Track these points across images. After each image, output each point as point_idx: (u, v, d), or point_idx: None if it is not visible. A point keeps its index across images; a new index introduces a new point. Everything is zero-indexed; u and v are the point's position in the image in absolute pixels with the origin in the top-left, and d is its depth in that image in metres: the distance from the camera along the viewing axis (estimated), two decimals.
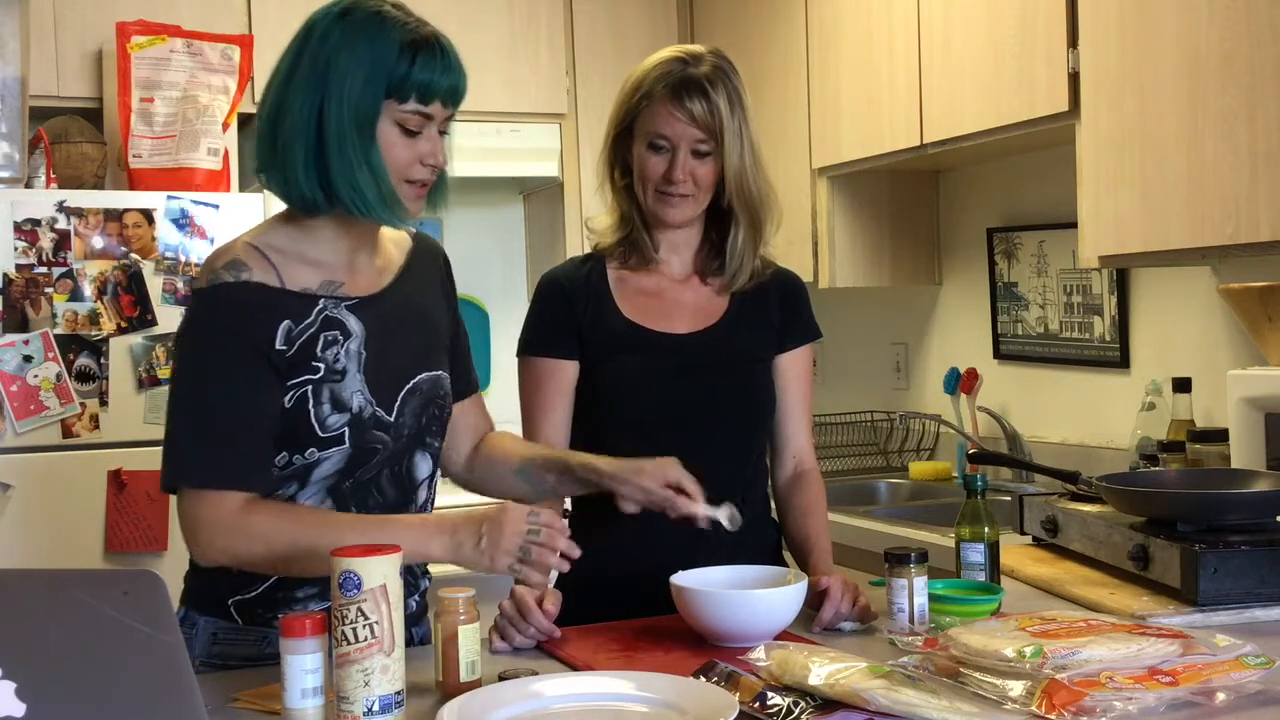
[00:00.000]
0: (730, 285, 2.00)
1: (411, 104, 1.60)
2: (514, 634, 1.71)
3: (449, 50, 1.64)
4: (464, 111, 1.73)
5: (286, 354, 1.60)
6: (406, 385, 1.70)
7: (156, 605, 1.01)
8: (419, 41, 1.61)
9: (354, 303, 1.66)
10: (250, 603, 1.67)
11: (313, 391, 1.61)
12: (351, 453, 1.64)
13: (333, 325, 1.63)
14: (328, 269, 1.66)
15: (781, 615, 1.68)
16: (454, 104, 1.65)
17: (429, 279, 1.81)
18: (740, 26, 3.81)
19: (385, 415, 1.67)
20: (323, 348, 1.62)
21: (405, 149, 1.62)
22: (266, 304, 1.60)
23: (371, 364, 1.65)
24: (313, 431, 1.61)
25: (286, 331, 1.60)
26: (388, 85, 1.59)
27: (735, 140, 1.90)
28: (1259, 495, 1.92)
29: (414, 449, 1.73)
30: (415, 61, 1.60)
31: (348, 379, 1.63)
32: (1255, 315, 2.45)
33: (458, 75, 1.64)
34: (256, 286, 1.60)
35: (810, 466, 2.06)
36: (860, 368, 4.02)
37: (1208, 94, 2.29)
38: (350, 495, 1.67)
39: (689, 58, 1.93)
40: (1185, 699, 1.37)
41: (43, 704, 0.95)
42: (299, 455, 1.62)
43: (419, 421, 1.72)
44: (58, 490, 3.02)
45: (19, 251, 3.03)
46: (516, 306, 4.07)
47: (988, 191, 3.50)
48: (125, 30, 3.30)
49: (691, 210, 1.95)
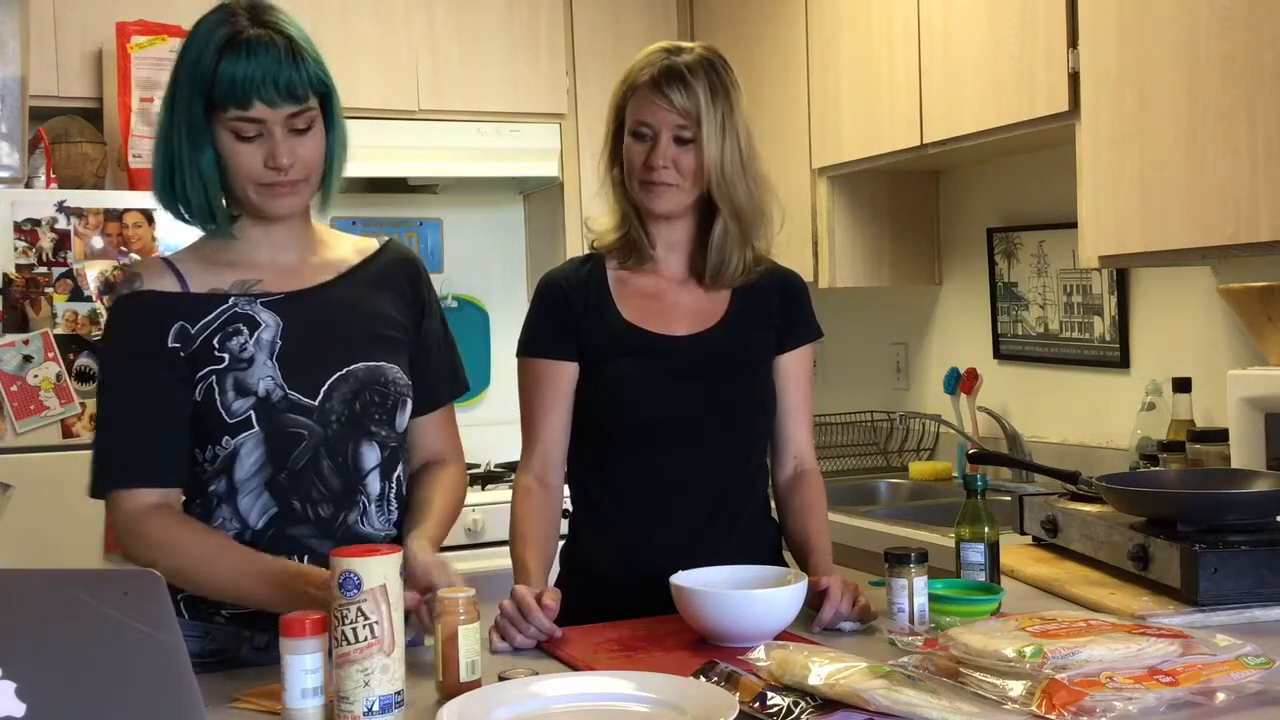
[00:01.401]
0: (718, 279, 1.99)
1: (232, 110, 1.63)
2: (514, 634, 1.71)
3: (260, 44, 1.62)
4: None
5: (182, 352, 1.67)
6: (336, 373, 1.72)
7: (156, 605, 1.01)
8: (228, 42, 1.62)
9: (274, 298, 1.73)
10: (194, 598, 1.70)
11: (217, 380, 1.67)
12: (266, 437, 1.68)
13: (238, 320, 1.70)
14: (246, 269, 1.74)
15: (781, 615, 1.68)
16: (282, 99, 1.63)
17: (385, 283, 1.83)
18: (740, 26, 3.81)
19: (305, 399, 1.70)
20: (223, 340, 1.68)
21: (245, 155, 1.65)
22: (159, 309, 1.69)
23: (289, 352, 1.70)
24: (221, 419, 1.67)
25: (180, 331, 1.68)
26: (204, 93, 1.63)
27: (715, 129, 1.90)
28: (1259, 495, 1.91)
29: (356, 437, 1.72)
30: (219, 65, 1.62)
31: (255, 366, 1.68)
32: (1255, 315, 2.45)
33: (267, 68, 1.62)
34: (148, 295, 1.70)
35: (810, 466, 2.06)
36: (860, 368, 4.02)
37: (1208, 94, 2.29)
38: (290, 488, 1.69)
39: (675, 49, 1.94)
40: (1185, 699, 1.37)
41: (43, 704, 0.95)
42: (216, 446, 1.68)
43: (352, 408, 1.72)
44: (58, 490, 3.01)
45: (19, 251, 3.03)
46: (516, 306, 4.07)
47: (988, 191, 3.50)
48: (125, 30, 3.30)
49: (676, 200, 1.94)
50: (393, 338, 1.80)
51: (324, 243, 1.83)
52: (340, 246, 1.84)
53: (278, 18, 1.67)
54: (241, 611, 1.70)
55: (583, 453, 2.00)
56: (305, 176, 1.70)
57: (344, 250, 1.84)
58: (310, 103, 1.67)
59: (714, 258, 1.97)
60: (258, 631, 1.71)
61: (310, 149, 1.68)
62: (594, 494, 2.00)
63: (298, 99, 1.64)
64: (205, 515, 1.71)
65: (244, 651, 1.72)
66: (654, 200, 1.94)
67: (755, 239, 1.99)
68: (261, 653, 1.71)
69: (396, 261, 1.86)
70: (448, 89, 3.81)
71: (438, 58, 3.80)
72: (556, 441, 1.98)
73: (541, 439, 1.97)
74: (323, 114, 1.71)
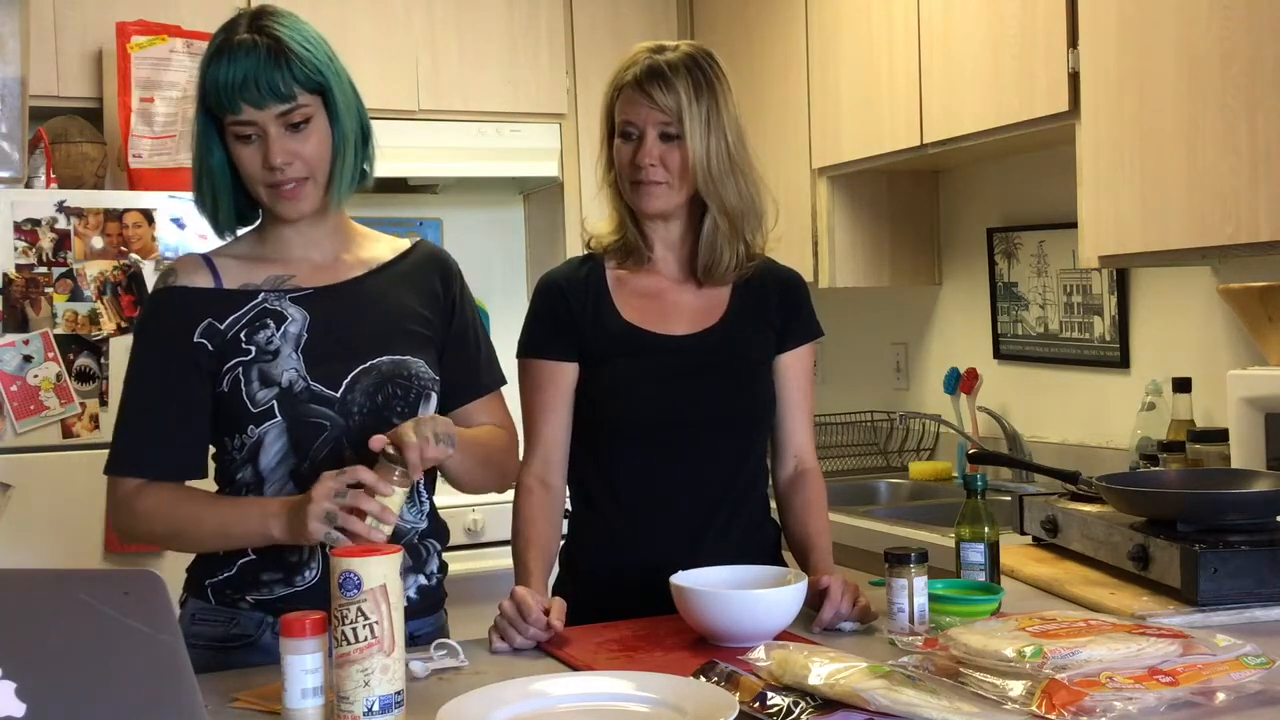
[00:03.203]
0: (711, 277, 1.99)
1: (228, 115, 1.68)
2: (513, 635, 1.71)
3: (242, 49, 1.66)
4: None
5: (210, 346, 1.73)
6: (360, 365, 1.75)
7: (156, 605, 1.01)
8: (217, 50, 1.68)
9: (304, 293, 1.77)
10: (221, 584, 1.76)
11: (244, 371, 1.72)
12: (288, 427, 1.71)
13: (267, 315, 1.75)
14: (280, 265, 1.79)
15: (781, 615, 1.68)
16: (267, 99, 1.66)
17: (414, 279, 1.86)
18: (740, 26, 3.81)
19: (327, 390, 1.73)
20: (250, 334, 1.73)
21: (246, 157, 1.70)
22: (189, 305, 1.75)
23: (314, 344, 1.74)
24: (246, 409, 1.71)
25: (208, 328, 1.73)
26: (203, 99, 1.70)
27: (700, 125, 1.90)
28: (1259, 495, 1.92)
29: (378, 429, 1.71)
30: (208, 72, 1.68)
31: (281, 358, 1.73)
32: (1255, 315, 2.45)
33: (247, 71, 1.65)
34: (181, 291, 1.76)
35: (811, 466, 2.06)
36: (860, 368, 4.02)
37: (1208, 94, 2.29)
38: (313, 479, 1.68)
39: (658, 48, 1.95)
40: (1185, 699, 1.37)
41: (43, 704, 0.95)
42: (243, 435, 1.73)
43: (374, 400, 1.75)
44: (58, 490, 3.01)
45: (19, 251, 3.03)
46: (516, 307, 4.04)
47: (988, 191, 3.50)
48: (125, 30, 3.30)
49: (667, 199, 1.94)
50: (419, 333, 1.82)
51: (359, 241, 1.87)
52: (375, 245, 1.88)
53: (274, 21, 1.69)
54: (265, 598, 1.74)
55: (583, 453, 1.99)
56: (308, 174, 1.71)
57: (379, 249, 1.88)
58: (300, 100, 1.68)
59: (705, 255, 1.97)
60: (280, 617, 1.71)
61: (310, 146, 1.70)
62: (594, 494, 2.00)
63: (282, 97, 1.66)
64: None
65: (265, 637, 1.74)
66: (644, 200, 1.94)
67: (748, 235, 1.99)
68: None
69: (426, 259, 1.90)
70: (448, 89, 3.80)
71: (438, 58, 3.80)
72: (557, 442, 1.98)
73: (542, 440, 1.97)
74: (326, 110, 1.71)
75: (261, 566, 1.74)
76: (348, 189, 1.78)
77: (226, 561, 1.75)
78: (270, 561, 1.73)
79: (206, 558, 1.77)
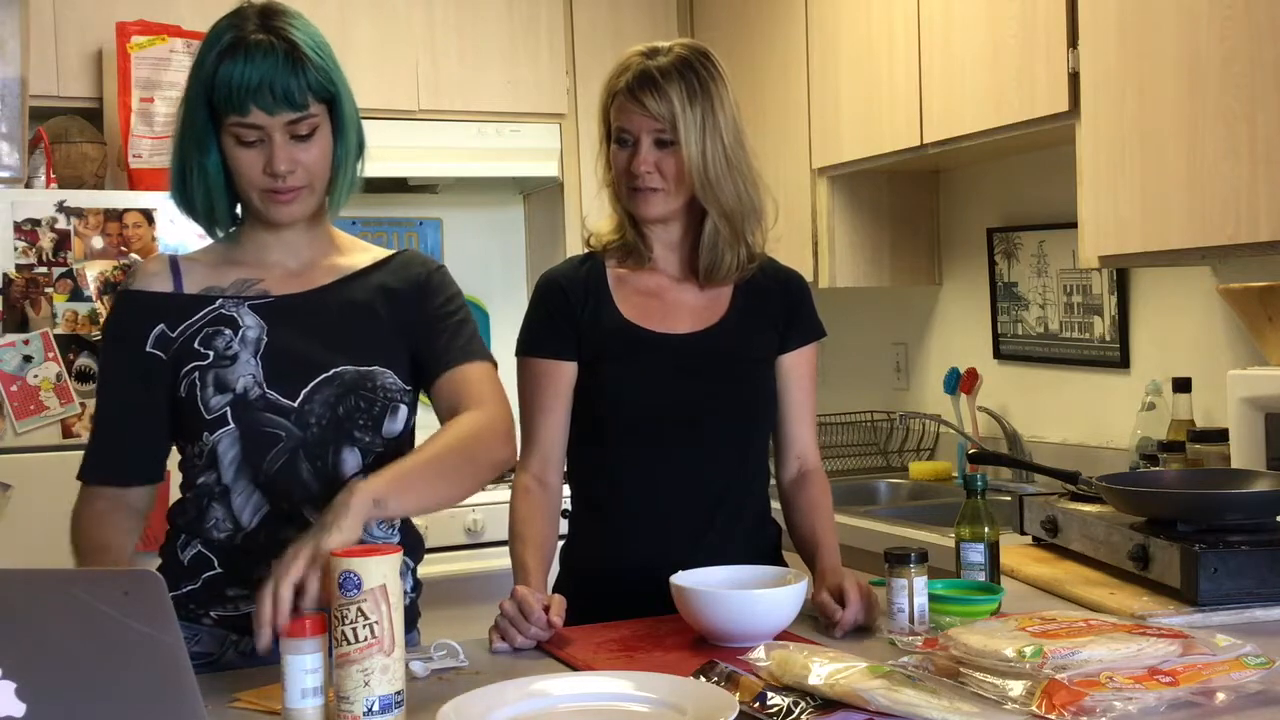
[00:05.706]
0: (712, 278, 1.99)
1: (232, 115, 1.63)
2: (514, 635, 1.71)
3: (259, 49, 1.62)
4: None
5: (162, 355, 1.70)
6: (321, 375, 1.70)
7: (156, 605, 1.01)
8: (229, 46, 1.63)
9: (263, 300, 1.73)
10: (184, 598, 1.70)
11: (199, 376, 1.69)
12: (242, 434, 1.68)
13: (220, 321, 1.71)
14: (252, 269, 1.76)
15: (781, 615, 1.68)
16: (280, 106, 1.63)
17: (388, 287, 1.79)
18: (740, 27, 3.81)
19: (284, 400, 1.69)
20: (205, 341, 1.70)
21: (246, 160, 1.66)
22: (142, 310, 1.72)
23: (274, 352, 1.70)
24: (200, 415, 1.68)
25: (160, 335, 1.71)
26: (207, 98, 1.65)
27: (694, 130, 1.88)
28: (1259, 495, 1.91)
29: (337, 442, 1.71)
30: (219, 69, 1.63)
31: (238, 364, 1.69)
32: (1255, 315, 2.45)
33: (264, 74, 1.61)
34: (136, 295, 1.74)
35: (815, 466, 2.06)
36: (860, 368, 4.02)
37: (1208, 94, 2.29)
38: (274, 489, 1.69)
39: (651, 51, 1.93)
40: (1185, 699, 1.36)
41: (43, 704, 0.95)
42: (198, 442, 1.70)
43: (334, 411, 1.70)
44: (58, 490, 2.98)
45: (19, 251, 3.03)
46: (516, 306, 4.03)
47: (988, 191, 3.50)
48: (125, 30, 3.30)
49: (663, 204, 1.94)
50: (389, 342, 1.76)
51: (340, 249, 1.82)
52: (354, 254, 1.82)
53: (287, 22, 1.66)
54: (229, 614, 1.70)
55: (582, 452, 1.99)
56: (308, 183, 1.69)
57: (357, 258, 1.82)
58: (311, 110, 1.65)
59: (706, 257, 1.97)
60: (245, 635, 1.67)
61: (313, 155, 1.67)
62: (593, 494, 2.00)
63: (295, 106, 1.63)
64: (199, 512, 1.71)
65: (228, 655, 1.71)
66: (641, 206, 1.94)
67: (748, 236, 1.98)
68: (245, 658, 1.69)
69: (402, 265, 1.82)
70: (448, 89, 3.81)
71: (438, 58, 3.80)
72: (556, 441, 1.98)
73: (541, 439, 1.97)
74: (331, 119, 1.69)
75: (228, 582, 1.70)
76: (345, 199, 1.76)
77: (191, 574, 1.71)
78: (236, 578, 1.69)
79: (170, 569, 1.70)
